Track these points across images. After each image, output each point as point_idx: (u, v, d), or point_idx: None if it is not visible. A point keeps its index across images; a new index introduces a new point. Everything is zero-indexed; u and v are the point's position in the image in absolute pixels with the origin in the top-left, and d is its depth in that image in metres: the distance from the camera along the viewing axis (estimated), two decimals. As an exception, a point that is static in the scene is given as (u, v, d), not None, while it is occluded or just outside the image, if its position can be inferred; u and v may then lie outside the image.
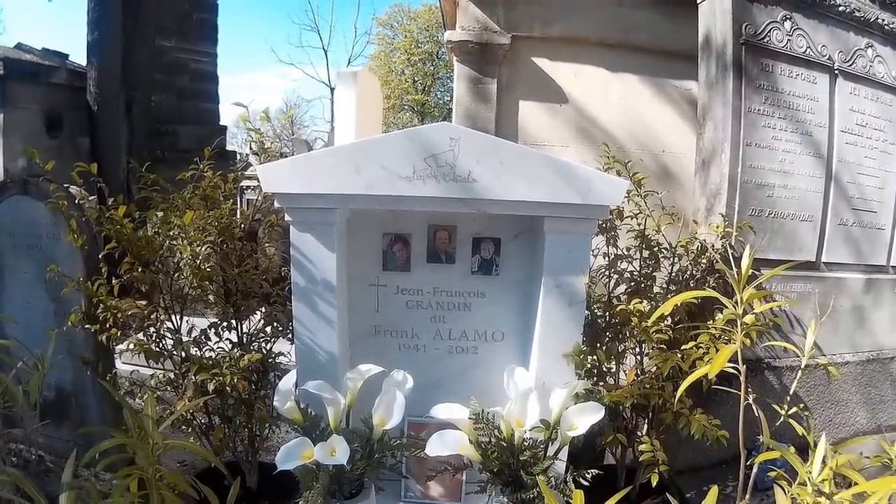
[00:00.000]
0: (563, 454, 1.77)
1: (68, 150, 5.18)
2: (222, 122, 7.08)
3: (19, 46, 5.33)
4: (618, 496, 1.17)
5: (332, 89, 24.56)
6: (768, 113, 2.41)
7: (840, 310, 2.65)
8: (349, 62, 25.90)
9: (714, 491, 1.15)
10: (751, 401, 1.51)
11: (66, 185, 2.11)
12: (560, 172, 1.79)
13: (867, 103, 2.65)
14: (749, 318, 1.49)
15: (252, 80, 38.61)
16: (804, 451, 1.42)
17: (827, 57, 2.54)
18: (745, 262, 1.41)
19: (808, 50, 2.49)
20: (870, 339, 2.80)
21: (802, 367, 1.64)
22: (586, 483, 1.61)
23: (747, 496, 1.53)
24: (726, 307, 1.47)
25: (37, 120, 5.03)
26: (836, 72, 2.57)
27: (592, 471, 1.68)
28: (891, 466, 1.63)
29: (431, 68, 23.16)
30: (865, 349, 2.78)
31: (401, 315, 2.04)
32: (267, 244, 2.36)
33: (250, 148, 2.73)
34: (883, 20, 2.67)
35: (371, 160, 1.76)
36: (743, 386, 1.47)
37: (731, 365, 1.43)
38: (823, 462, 1.22)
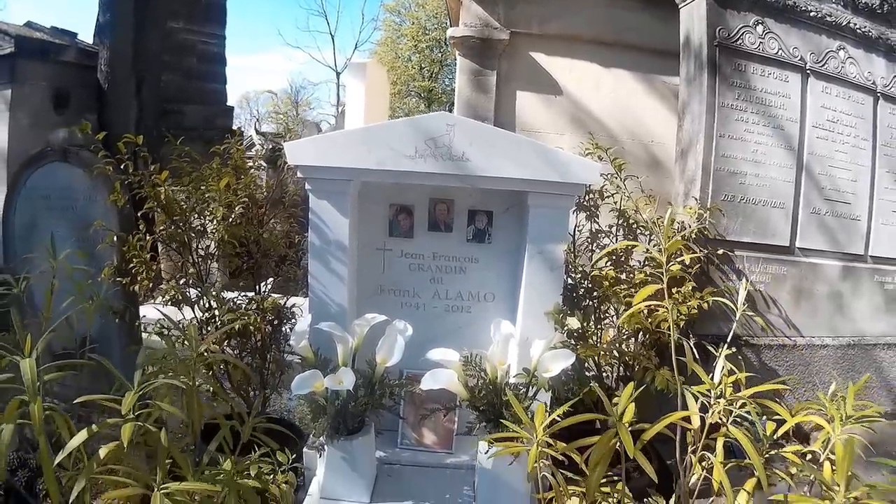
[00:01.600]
0: (541, 395, 2.21)
1: (74, 125, 5.65)
2: (228, 103, 7.58)
3: (29, 24, 5.79)
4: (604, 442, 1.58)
5: (339, 74, 25.28)
6: (741, 108, 2.85)
7: (817, 294, 3.09)
8: (356, 47, 26.60)
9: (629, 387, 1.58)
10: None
11: (108, 154, 2.57)
12: (542, 155, 2.24)
13: (839, 101, 3.09)
14: (675, 267, 1.92)
15: (258, 62, 39.52)
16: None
17: (799, 58, 2.98)
18: (668, 216, 1.84)
19: (780, 51, 2.94)
20: (850, 326, 3.21)
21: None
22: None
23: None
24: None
25: (45, 96, 5.47)
26: (808, 71, 3.01)
27: (567, 406, 2.13)
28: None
29: (439, 55, 23.72)
30: (846, 334, 3.20)
31: (404, 276, 2.51)
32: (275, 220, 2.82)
33: (255, 128, 3.18)
34: (855, 24, 3.11)
35: (380, 141, 2.21)
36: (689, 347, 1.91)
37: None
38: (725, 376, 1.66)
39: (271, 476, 2.30)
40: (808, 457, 1.94)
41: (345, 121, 4.58)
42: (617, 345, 2.39)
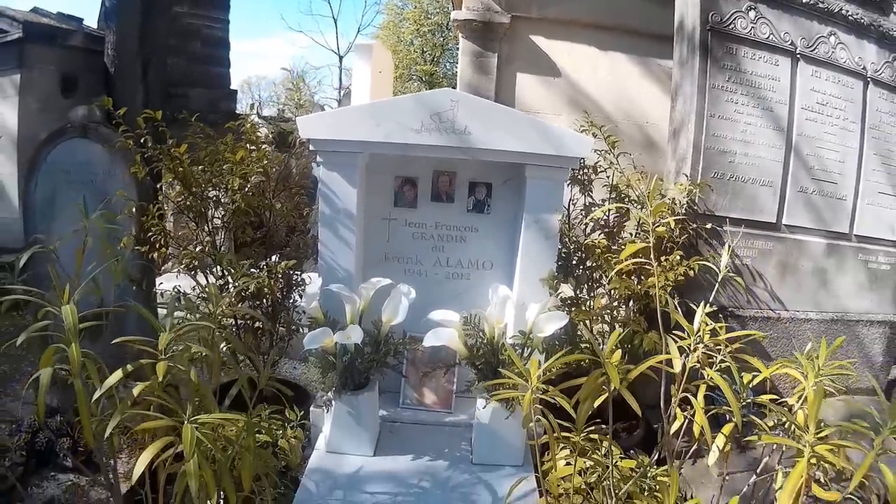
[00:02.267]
0: (535, 356, 2.44)
1: (96, 101, 5.90)
2: (232, 87, 7.81)
3: (36, 10, 6.03)
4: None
5: (341, 57, 25.66)
6: (731, 90, 3.06)
7: (802, 270, 3.30)
8: (358, 31, 26.93)
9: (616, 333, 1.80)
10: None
11: (128, 128, 2.79)
12: (538, 129, 2.46)
13: (828, 85, 3.30)
14: (661, 229, 2.14)
15: (259, 47, 39.96)
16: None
17: (790, 42, 3.19)
18: (654, 181, 2.05)
19: (771, 36, 3.14)
20: (834, 302, 3.42)
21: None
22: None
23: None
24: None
25: (52, 81, 5.72)
26: (798, 56, 3.22)
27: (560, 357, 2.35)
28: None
29: (440, 39, 24.04)
30: (829, 310, 3.40)
31: (407, 244, 2.74)
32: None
33: (257, 113, 3.41)
34: (847, 11, 3.31)
35: (388, 116, 2.43)
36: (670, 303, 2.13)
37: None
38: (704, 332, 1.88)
39: (280, 432, 2.54)
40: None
41: (350, 101, 4.82)
42: (608, 311, 2.61)
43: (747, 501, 2.32)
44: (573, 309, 2.66)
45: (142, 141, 2.57)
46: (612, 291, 2.61)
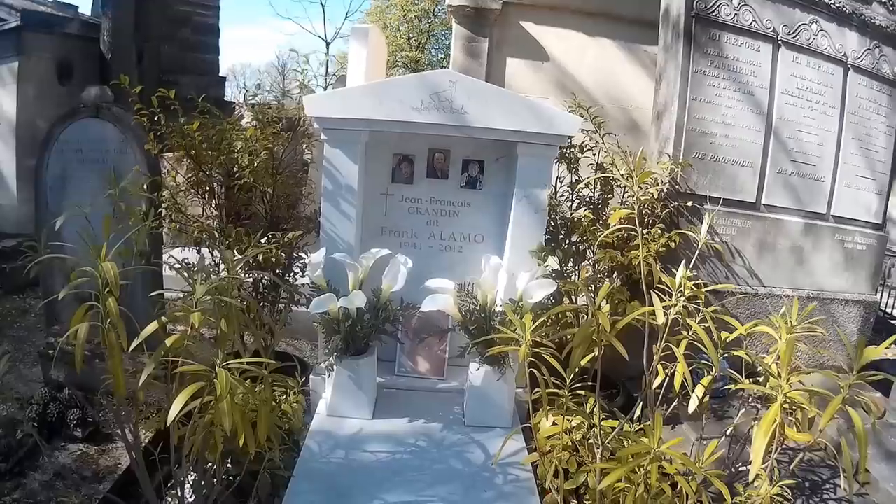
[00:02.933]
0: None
1: (77, 96, 6.09)
2: (221, 74, 8.10)
3: (32, -1, 6.25)
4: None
5: (328, 44, 26.11)
6: (713, 74, 3.32)
7: (779, 248, 3.56)
8: (346, 17, 27.38)
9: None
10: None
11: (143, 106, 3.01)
12: (530, 109, 2.71)
13: (808, 71, 3.56)
14: (644, 198, 2.39)
15: (247, 34, 40.45)
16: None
17: (771, 29, 3.45)
18: (640, 153, 2.29)
19: (754, 23, 3.40)
20: (810, 280, 3.69)
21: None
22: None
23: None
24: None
25: (49, 68, 5.92)
26: (780, 42, 3.47)
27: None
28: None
29: (427, 25, 24.54)
30: (805, 287, 3.67)
31: (404, 218, 2.99)
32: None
33: (244, 99, 3.67)
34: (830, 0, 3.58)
35: (390, 95, 2.67)
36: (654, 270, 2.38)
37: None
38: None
39: (284, 397, 2.78)
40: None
41: (346, 84, 5.07)
42: (593, 283, 2.87)
43: (723, 463, 2.56)
44: (559, 281, 2.91)
45: (155, 119, 2.80)
46: (597, 264, 2.86)
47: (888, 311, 5.89)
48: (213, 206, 2.91)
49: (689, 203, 3.24)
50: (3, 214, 5.65)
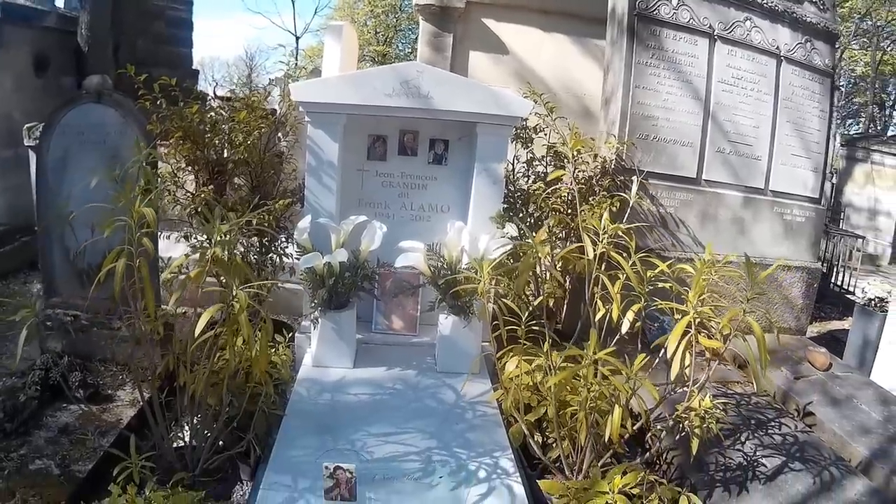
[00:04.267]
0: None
1: (52, 88, 6.67)
2: (194, 67, 8.75)
3: (7, -11, 6.83)
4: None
5: (298, 38, 27.15)
6: (654, 65, 4.05)
7: (721, 218, 4.29)
8: (315, 12, 28.53)
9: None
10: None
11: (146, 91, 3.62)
12: (488, 94, 3.40)
13: (743, 62, 4.30)
14: (591, 173, 3.08)
15: (216, 27, 41.04)
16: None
17: (708, 25, 4.19)
18: (573, 126, 2.98)
19: (692, 20, 4.14)
20: (752, 248, 4.39)
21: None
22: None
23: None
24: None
25: (26, 61, 6.48)
26: (716, 37, 4.21)
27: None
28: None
29: (394, 20, 25.78)
30: (751, 256, 4.39)
31: (378, 191, 3.66)
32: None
33: (213, 92, 4.33)
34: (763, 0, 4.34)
35: (365, 83, 3.34)
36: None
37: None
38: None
39: (274, 349, 3.41)
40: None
41: (320, 76, 5.76)
42: (549, 244, 3.55)
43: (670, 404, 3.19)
44: (517, 243, 3.60)
45: (157, 102, 3.43)
46: (552, 228, 3.54)
47: (846, 287, 6.72)
48: (207, 180, 3.54)
49: (633, 178, 3.94)
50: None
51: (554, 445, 2.92)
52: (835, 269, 7.02)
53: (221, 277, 2.64)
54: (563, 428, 2.84)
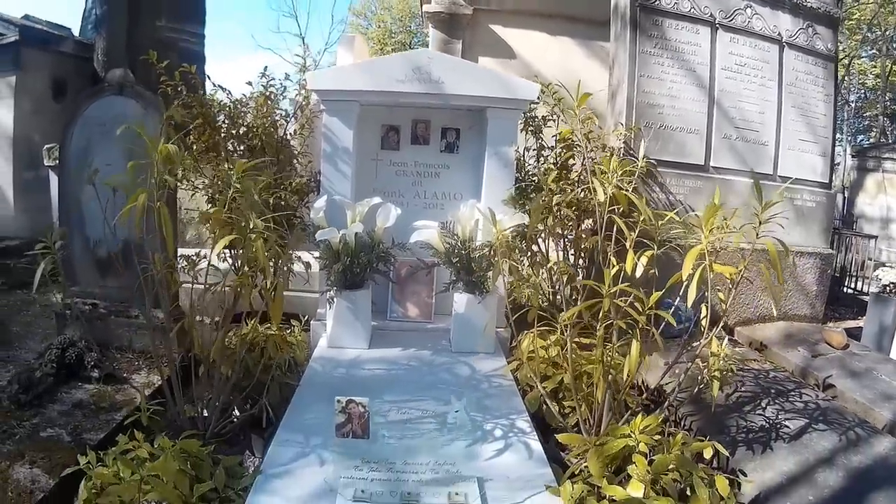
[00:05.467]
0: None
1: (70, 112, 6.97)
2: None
3: (27, 18, 7.16)
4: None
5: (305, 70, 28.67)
6: (658, 54, 4.22)
7: (730, 206, 4.37)
8: (325, 49, 29.43)
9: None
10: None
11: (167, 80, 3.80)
12: (496, 78, 3.56)
13: (745, 49, 4.46)
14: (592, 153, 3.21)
15: (233, 67, 42.51)
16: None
17: (709, 14, 4.37)
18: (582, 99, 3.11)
19: (693, 10, 4.32)
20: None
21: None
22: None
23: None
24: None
25: (45, 84, 6.78)
26: (717, 25, 4.39)
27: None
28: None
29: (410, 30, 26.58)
30: (761, 242, 4.48)
31: (392, 180, 3.81)
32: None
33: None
34: (763, -12, 4.53)
35: (379, 70, 3.52)
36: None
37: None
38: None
39: (290, 331, 3.52)
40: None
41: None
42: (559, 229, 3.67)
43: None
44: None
45: (179, 90, 3.62)
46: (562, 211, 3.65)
47: (860, 289, 6.77)
48: (227, 167, 3.70)
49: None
50: (1, 224, 6.38)
51: (570, 414, 2.98)
52: (847, 273, 7.08)
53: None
54: (580, 393, 2.88)
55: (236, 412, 2.92)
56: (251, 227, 2.46)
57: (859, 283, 6.94)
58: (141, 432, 2.41)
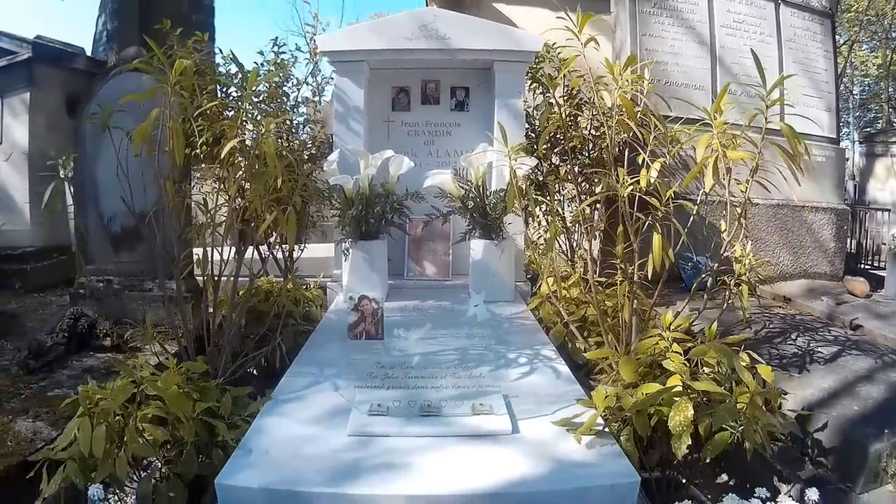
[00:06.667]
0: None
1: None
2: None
3: (38, 38, 7.43)
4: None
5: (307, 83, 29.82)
6: (657, 13, 4.37)
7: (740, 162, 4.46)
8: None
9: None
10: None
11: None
12: (501, 32, 3.70)
13: (742, 6, 4.62)
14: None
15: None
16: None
17: (704, -26, 4.54)
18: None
19: (689, -31, 4.50)
20: (774, 191, 4.56)
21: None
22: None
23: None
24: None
25: (59, 100, 6.99)
26: (713, -16, 4.56)
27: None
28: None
29: None
30: (774, 197, 4.55)
31: (404, 140, 3.92)
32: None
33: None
34: (760, -51, 4.69)
35: (387, 29, 3.66)
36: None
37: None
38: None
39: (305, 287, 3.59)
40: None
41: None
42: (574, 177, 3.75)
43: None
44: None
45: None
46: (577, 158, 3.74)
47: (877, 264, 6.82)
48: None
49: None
50: (18, 238, 6.52)
51: (596, 349, 3.00)
52: (863, 250, 7.11)
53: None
54: (605, 325, 2.90)
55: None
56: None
57: (875, 262, 6.95)
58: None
